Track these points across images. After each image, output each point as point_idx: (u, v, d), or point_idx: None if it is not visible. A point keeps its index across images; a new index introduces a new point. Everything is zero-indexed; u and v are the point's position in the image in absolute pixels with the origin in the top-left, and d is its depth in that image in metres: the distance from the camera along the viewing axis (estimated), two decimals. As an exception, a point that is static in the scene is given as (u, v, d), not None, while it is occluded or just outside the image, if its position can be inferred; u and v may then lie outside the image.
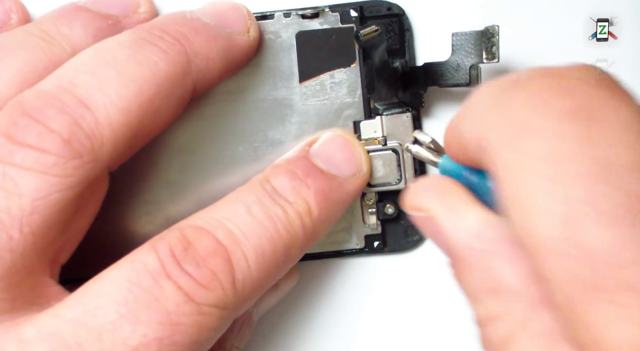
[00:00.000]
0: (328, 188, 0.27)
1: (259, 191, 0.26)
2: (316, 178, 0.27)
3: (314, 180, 0.27)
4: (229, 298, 0.24)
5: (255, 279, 0.25)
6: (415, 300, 0.31)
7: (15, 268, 0.23)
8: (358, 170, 0.29)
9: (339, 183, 0.28)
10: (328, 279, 0.31)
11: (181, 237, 0.24)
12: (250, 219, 0.25)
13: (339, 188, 0.28)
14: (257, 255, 0.25)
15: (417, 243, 0.31)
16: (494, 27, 0.27)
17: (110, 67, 0.25)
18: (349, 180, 0.28)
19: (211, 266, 0.24)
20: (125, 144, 0.25)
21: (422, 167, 0.30)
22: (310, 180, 0.27)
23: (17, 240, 0.23)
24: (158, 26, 0.27)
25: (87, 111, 0.24)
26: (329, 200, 0.27)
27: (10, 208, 0.23)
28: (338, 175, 0.28)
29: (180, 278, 0.24)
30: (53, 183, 0.23)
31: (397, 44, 0.30)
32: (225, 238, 0.25)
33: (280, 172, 0.27)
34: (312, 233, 0.27)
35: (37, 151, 0.23)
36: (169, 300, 0.23)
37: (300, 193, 0.27)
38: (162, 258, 0.24)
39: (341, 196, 0.28)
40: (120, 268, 0.24)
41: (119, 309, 0.23)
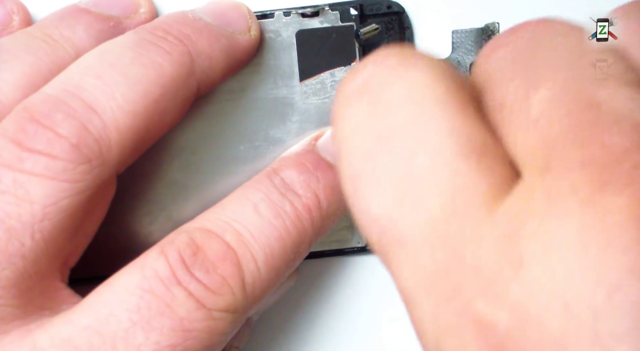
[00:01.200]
0: (337, 182, 0.27)
1: (267, 186, 0.26)
2: (325, 172, 0.27)
3: (324, 173, 0.27)
4: (239, 302, 0.24)
5: (265, 280, 0.25)
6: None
7: (27, 274, 0.23)
8: None
9: None
10: (330, 278, 0.31)
11: (190, 241, 0.24)
12: (259, 218, 0.25)
13: None
14: (266, 255, 0.25)
15: (418, 241, 0.31)
16: (494, 24, 0.27)
17: (115, 69, 0.25)
18: None
19: (220, 271, 0.24)
20: (133, 147, 0.25)
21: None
22: (319, 173, 0.27)
23: (29, 246, 0.23)
24: (161, 27, 0.27)
25: (95, 115, 0.24)
26: (338, 193, 0.27)
27: (21, 215, 0.23)
28: None
29: (191, 284, 0.24)
30: (63, 189, 0.23)
31: (397, 42, 0.30)
32: (234, 241, 0.25)
33: (289, 164, 0.27)
34: (320, 228, 0.27)
35: (46, 157, 0.23)
36: (180, 306, 0.23)
37: (310, 185, 0.27)
38: (172, 264, 0.24)
39: None
40: (131, 274, 0.24)
41: (131, 316, 0.23)
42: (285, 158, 0.28)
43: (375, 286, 0.31)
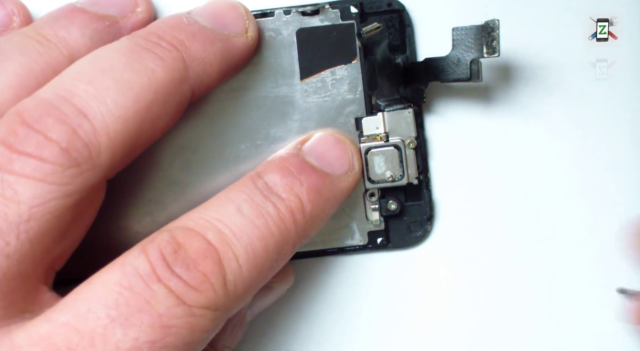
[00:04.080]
0: (321, 185, 0.27)
1: (250, 188, 0.26)
2: (309, 175, 0.27)
3: (307, 176, 0.27)
4: (221, 299, 0.24)
5: (247, 278, 0.25)
6: (419, 297, 0.31)
7: (11, 274, 0.23)
8: (350, 168, 0.29)
9: (331, 181, 0.28)
10: (331, 276, 0.31)
11: (171, 238, 0.24)
12: (241, 218, 0.25)
13: (332, 186, 0.28)
14: (248, 254, 0.25)
15: (420, 239, 0.31)
16: (495, 21, 0.27)
17: (107, 75, 0.25)
18: (341, 178, 0.28)
19: (201, 268, 0.24)
20: (123, 152, 0.25)
21: (425, 164, 0.30)
22: (303, 176, 0.27)
23: (13, 246, 0.23)
24: (155, 32, 0.27)
25: (85, 120, 0.24)
26: (322, 197, 0.27)
27: (8, 214, 0.23)
28: (330, 173, 0.28)
29: (171, 281, 0.24)
30: (50, 191, 0.23)
31: (397, 40, 0.30)
32: (215, 239, 0.25)
33: (272, 168, 0.27)
34: (304, 230, 0.27)
35: (35, 159, 0.23)
36: (160, 303, 0.23)
37: (293, 189, 0.27)
38: (153, 261, 0.24)
39: (333, 193, 0.28)
40: (111, 272, 0.24)
41: (110, 313, 0.23)
42: (270, 162, 0.28)
43: (377, 284, 0.31)
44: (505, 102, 0.31)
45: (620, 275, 0.30)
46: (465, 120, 0.31)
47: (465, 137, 0.30)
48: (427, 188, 0.30)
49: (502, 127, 0.30)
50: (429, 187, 0.30)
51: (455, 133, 0.30)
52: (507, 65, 0.30)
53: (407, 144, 0.29)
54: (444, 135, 0.30)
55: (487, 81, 0.30)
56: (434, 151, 0.30)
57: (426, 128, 0.30)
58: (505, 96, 0.31)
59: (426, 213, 0.30)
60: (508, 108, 0.31)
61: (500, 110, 0.31)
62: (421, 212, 0.31)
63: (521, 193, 0.31)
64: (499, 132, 0.30)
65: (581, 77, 0.30)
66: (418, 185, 0.30)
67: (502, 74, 0.31)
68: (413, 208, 0.30)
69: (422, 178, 0.30)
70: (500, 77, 0.31)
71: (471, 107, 0.31)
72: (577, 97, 0.30)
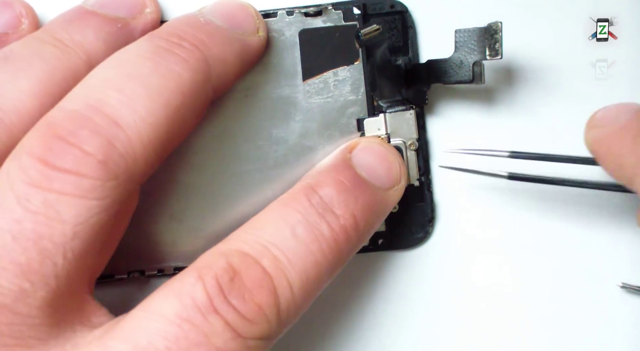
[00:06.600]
0: (373, 201, 0.27)
1: (305, 207, 0.26)
2: (364, 191, 0.27)
3: (362, 192, 0.27)
4: (273, 329, 0.24)
5: (299, 305, 0.25)
6: (420, 298, 0.31)
7: (61, 292, 0.23)
8: (397, 182, 0.28)
9: (381, 196, 0.28)
10: (332, 277, 0.31)
11: (227, 266, 0.24)
12: (296, 243, 0.25)
13: (382, 201, 0.28)
14: (302, 282, 0.25)
15: (421, 240, 0.31)
16: (497, 23, 0.27)
17: (135, 81, 0.25)
18: (389, 193, 0.28)
19: (257, 300, 0.24)
20: (156, 157, 0.25)
21: (426, 165, 0.30)
22: (358, 192, 0.27)
23: (61, 266, 0.23)
24: (174, 33, 0.26)
25: (120, 130, 0.24)
26: (373, 213, 0.27)
27: (53, 235, 0.23)
28: (380, 187, 0.28)
29: (228, 314, 0.23)
30: (92, 207, 0.23)
31: (400, 42, 0.30)
32: (271, 267, 0.25)
33: (327, 181, 0.27)
34: (354, 248, 0.27)
35: (74, 175, 0.23)
36: (217, 336, 0.23)
37: (349, 206, 0.26)
38: (210, 291, 0.24)
39: (382, 208, 0.28)
40: (168, 300, 0.24)
41: (169, 346, 0.23)
42: (323, 173, 0.27)
43: (376, 287, 0.31)
44: (506, 103, 0.31)
45: (622, 274, 0.31)
46: (466, 122, 0.31)
47: (466, 138, 0.30)
48: (428, 190, 0.30)
49: (504, 128, 0.31)
50: (431, 189, 0.30)
51: (456, 134, 0.30)
52: (507, 66, 0.30)
53: (408, 146, 0.29)
54: (445, 136, 0.30)
55: (488, 82, 0.30)
56: (436, 152, 0.30)
57: (428, 129, 0.30)
58: (506, 97, 0.31)
59: (427, 215, 0.31)
60: (509, 109, 0.31)
61: (501, 111, 0.31)
62: (422, 213, 0.31)
63: (522, 194, 0.31)
64: (501, 133, 0.31)
65: (581, 77, 0.30)
66: (419, 186, 0.30)
67: (503, 75, 0.31)
68: (414, 209, 0.31)
69: (424, 179, 0.30)
70: (501, 78, 0.31)
71: (473, 108, 0.31)
72: (577, 97, 0.30)
